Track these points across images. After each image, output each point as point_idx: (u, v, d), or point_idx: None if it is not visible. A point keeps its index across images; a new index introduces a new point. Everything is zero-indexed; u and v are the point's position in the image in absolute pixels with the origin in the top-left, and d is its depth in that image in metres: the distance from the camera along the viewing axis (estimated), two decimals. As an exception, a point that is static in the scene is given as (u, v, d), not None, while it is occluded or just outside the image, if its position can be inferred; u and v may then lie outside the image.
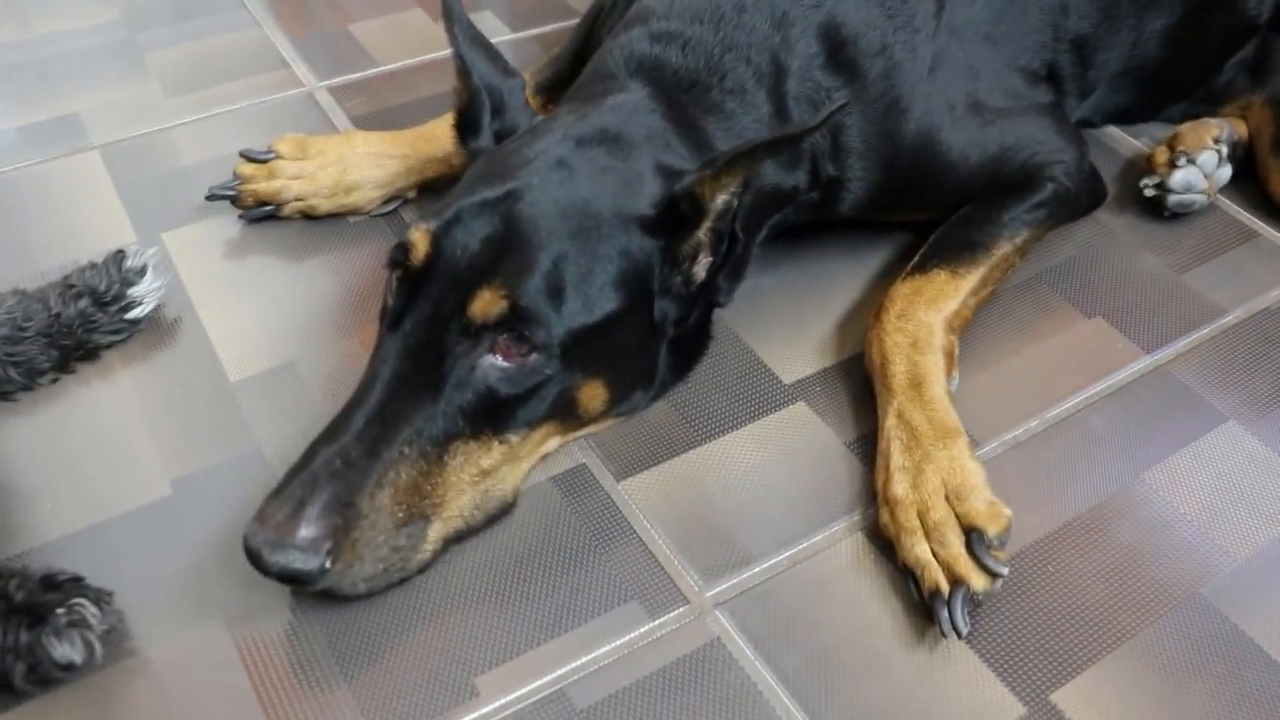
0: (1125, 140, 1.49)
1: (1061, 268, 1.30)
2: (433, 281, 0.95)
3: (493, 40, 1.14)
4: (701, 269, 1.04)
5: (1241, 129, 1.42)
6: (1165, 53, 1.41)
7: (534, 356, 0.95)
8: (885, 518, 1.00)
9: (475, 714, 0.89)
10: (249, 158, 1.31)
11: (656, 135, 1.05)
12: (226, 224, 1.32)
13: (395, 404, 0.93)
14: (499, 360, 0.94)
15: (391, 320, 0.97)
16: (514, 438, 0.98)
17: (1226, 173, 1.37)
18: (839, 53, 1.14)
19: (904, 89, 1.17)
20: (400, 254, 0.97)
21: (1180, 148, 1.35)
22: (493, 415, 0.95)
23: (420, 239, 0.96)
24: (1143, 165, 1.42)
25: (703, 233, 1.01)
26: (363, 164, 1.31)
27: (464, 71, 1.10)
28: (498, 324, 0.93)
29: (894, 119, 1.17)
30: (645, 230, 0.99)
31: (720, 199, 0.99)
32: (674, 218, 0.99)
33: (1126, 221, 1.37)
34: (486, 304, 0.93)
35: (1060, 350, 1.20)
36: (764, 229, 1.15)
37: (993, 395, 1.15)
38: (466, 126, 1.12)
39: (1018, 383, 1.17)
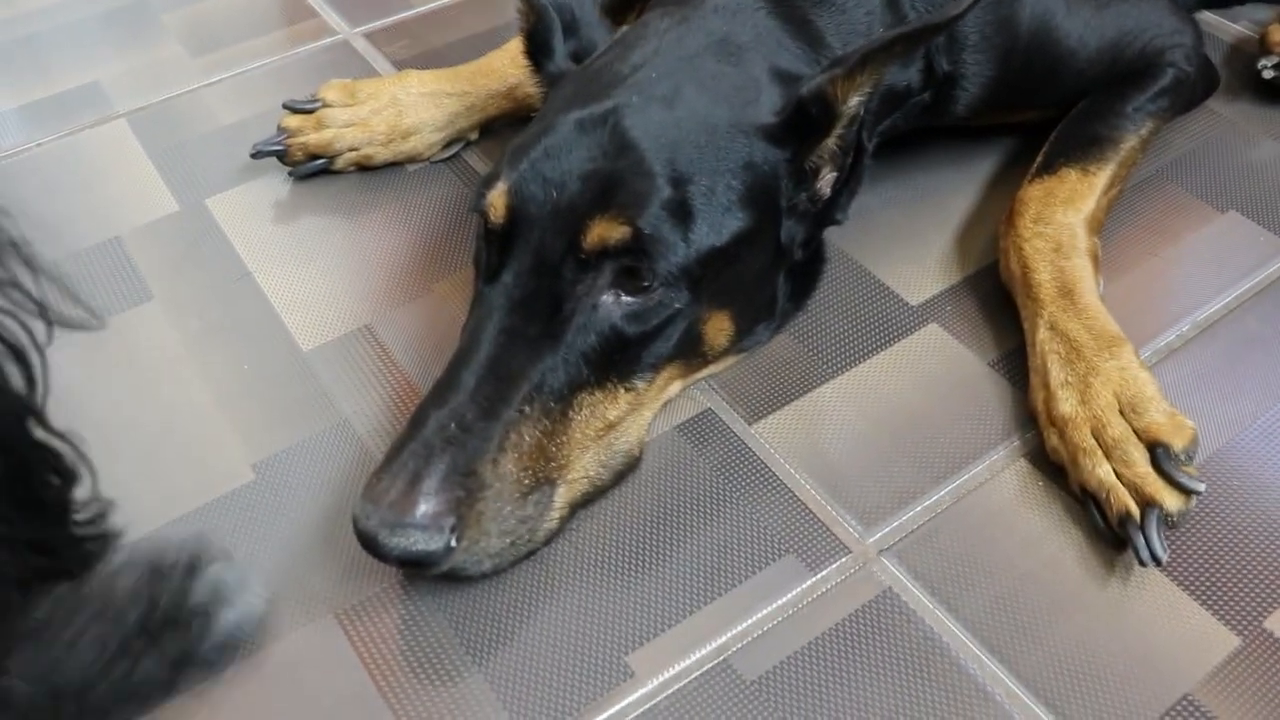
0: (1223, 25, 1.38)
1: (1182, 161, 1.19)
2: (533, 225, 0.84)
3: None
4: (826, 184, 0.93)
5: (1356, -3, 1.31)
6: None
7: (662, 288, 0.84)
8: (1054, 440, 0.90)
9: (633, 696, 0.79)
10: (293, 109, 1.20)
11: (766, 36, 0.94)
12: (275, 183, 1.21)
13: (508, 358, 0.83)
14: (623, 296, 0.84)
15: (488, 274, 0.87)
16: (640, 383, 0.87)
17: (1350, 45, 1.25)
18: (948, -68, 1.03)
19: (1016, -30, 1.06)
20: (483, 202, 0.87)
21: (1298, 22, 1.24)
22: (618, 359, 0.85)
23: (500, 193, 0.86)
24: (1252, 49, 1.31)
25: (833, 140, 0.90)
26: (419, 105, 1.19)
27: None
28: (618, 254, 0.82)
29: (1009, 5, 1.06)
30: (769, 140, 0.88)
31: (854, 101, 0.87)
32: (801, 125, 0.88)
33: (1240, 109, 1.26)
34: (605, 231, 0.82)
35: (1198, 248, 1.10)
36: (876, 136, 1.04)
37: (1136, 300, 1.05)
38: (538, 50, 1.01)
39: (1160, 286, 1.06)
